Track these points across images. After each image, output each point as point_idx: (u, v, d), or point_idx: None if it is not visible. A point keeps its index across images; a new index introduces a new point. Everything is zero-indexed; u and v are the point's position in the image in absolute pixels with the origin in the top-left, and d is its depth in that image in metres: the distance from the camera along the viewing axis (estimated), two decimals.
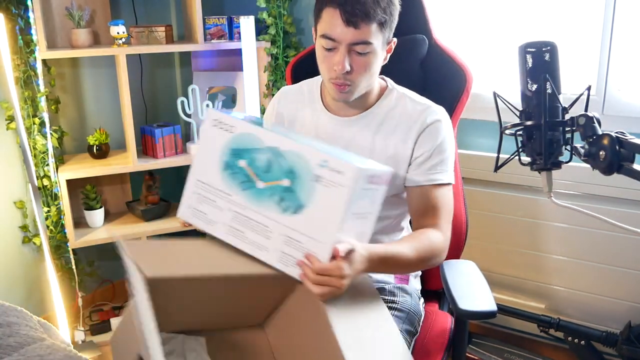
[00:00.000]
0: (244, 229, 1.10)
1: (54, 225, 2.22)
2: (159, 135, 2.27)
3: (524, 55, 1.22)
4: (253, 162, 1.09)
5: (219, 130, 1.13)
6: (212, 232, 1.14)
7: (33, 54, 2.06)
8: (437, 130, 1.27)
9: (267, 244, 1.07)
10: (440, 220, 1.26)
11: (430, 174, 1.27)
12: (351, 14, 1.13)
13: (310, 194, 1.03)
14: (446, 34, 2.07)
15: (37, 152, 2.14)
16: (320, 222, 1.03)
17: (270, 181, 1.08)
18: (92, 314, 2.43)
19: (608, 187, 1.79)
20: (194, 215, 1.17)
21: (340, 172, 1.01)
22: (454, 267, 1.35)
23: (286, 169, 1.06)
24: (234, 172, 1.11)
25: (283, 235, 1.06)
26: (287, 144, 1.06)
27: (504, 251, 2.06)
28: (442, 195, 1.27)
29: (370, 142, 1.30)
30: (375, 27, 1.16)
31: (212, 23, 2.29)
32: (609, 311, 1.90)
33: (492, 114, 1.37)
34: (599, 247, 1.87)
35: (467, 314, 1.18)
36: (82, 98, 2.39)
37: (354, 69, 1.19)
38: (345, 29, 1.15)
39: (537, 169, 1.25)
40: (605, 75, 1.83)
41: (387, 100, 1.32)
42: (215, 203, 1.13)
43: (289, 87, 1.46)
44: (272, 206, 1.07)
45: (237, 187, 1.11)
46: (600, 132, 1.13)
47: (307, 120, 1.37)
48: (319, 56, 1.23)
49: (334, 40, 1.17)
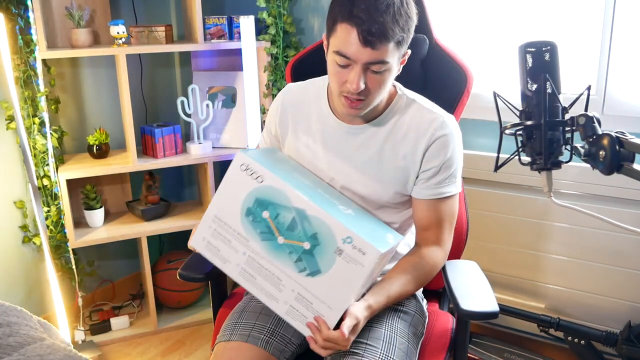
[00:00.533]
0: (256, 274, 1.13)
1: (54, 225, 2.22)
2: (159, 135, 2.27)
3: (524, 55, 1.22)
4: (277, 217, 1.10)
5: (246, 176, 1.13)
6: (223, 269, 1.17)
7: (33, 53, 2.06)
8: (446, 143, 1.23)
9: (277, 295, 1.12)
10: (444, 233, 1.27)
11: (438, 187, 1.24)
12: (368, 33, 1.07)
13: (329, 264, 1.07)
14: (447, 34, 2.08)
15: (37, 152, 2.14)
16: (335, 290, 1.08)
17: (292, 240, 1.10)
18: (92, 314, 2.43)
19: (608, 187, 1.79)
20: (207, 248, 1.19)
21: (362, 253, 1.04)
22: (456, 267, 1.35)
23: (310, 233, 1.08)
24: (255, 220, 1.12)
25: (295, 292, 1.10)
26: (314, 210, 1.07)
27: (504, 251, 2.06)
28: (448, 207, 1.26)
29: (379, 150, 1.26)
30: (392, 45, 1.10)
31: (212, 23, 2.28)
32: (609, 311, 1.90)
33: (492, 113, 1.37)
34: (599, 247, 1.87)
35: (469, 315, 1.18)
36: (82, 98, 2.39)
37: (368, 87, 1.14)
38: (362, 49, 1.09)
39: (537, 168, 1.25)
40: (605, 75, 1.83)
41: (397, 108, 1.27)
42: (231, 243, 1.15)
43: (294, 85, 1.41)
44: (288, 263, 1.10)
45: (256, 236, 1.12)
46: (600, 131, 1.13)
47: (313, 122, 1.33)
48: (331, 70, 1.17)
49: (348, 58, 1.11)
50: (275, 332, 1.24)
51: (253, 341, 1.21)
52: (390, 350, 1.16)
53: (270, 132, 1.42)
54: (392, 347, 1.18)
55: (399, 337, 1.21)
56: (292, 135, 1.36)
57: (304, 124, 1.34)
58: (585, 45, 1.87)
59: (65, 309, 2.17)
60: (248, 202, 1.12)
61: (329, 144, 1.30)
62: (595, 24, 1.82)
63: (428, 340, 1.34)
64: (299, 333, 1.25)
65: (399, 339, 1.21)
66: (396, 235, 1.22)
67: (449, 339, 1.35)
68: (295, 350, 1.26)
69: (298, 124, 1.35)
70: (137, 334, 2.35)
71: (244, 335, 1.23)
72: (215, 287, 1.47)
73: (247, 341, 1.21)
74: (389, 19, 1.08)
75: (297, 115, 1.36)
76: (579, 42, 1.88)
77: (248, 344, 1.21)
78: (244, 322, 1.26)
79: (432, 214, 1.26)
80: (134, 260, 2.68)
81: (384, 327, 1.21)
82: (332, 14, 1.14)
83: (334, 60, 1.15)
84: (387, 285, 1.19)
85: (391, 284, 1.20)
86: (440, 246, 1.27)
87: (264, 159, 1.17)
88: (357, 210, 1.20)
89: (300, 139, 1.34)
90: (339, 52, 1.12)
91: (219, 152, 2.37)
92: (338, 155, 1.29)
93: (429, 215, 1.26)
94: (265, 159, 1.17)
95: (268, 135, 1.43)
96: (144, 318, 2.44)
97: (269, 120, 1.43)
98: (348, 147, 1.28)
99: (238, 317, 1.28)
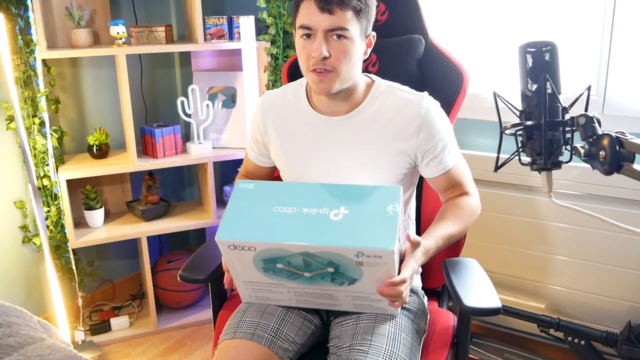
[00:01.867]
0: (309, 298, 1.22)
1: (54, 225, 2.22)
2: (159, 135, 2.27)
3: (524, 55, 1.22)
4: (290, 263, 1.12)
5: (240, 251, 1.13)
6: (282, 304, 1.28)
7: (33, 54, 2.06)
8: (433, 119, 1.29)
9: (337, 303, 1.22)
10: (466, 187, 1.36)
11: (442, 163, 1.32)
12: (325, 2, 1.16)
13: (359, 272, 1.11)
14: (446, 34, 2.08)
15: (37, 152, 2.14)
16: (378, 283, 1.12)
17: (316, 271, 1.13)
18: (92, 314, 2.43)
19: (608, 187, 1.79)
20: (258, 299, 1.28)
21: (379, 257, 1.07)
22: (457, 264, 1.35)
23: (325, 262, 1.10)
24: (275, 272, 1.16)
25: (349, 296, 1.18)
26: (315, 247, 1.08)
27: (504, 251, 2.06)
28: (459, 171, 1.35)
29: (367, 137, 1.30)
30: (350, 14, 1.18)
31: (212, 23, 2.29)
32: (608, 311, 1.90)
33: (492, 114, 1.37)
34: (599, 247, 1.87)
35: (472, 311, 1.18)
36: (82, 98, 2.39)
37: (332, 55, 1.20)
38: (321, 16, 1.17)
39: (537, 169, 1.25)
40: (605, 75, 1.83)
41: (376, 95, 1.32)
42: (272, 290, 1.22)
43: (272, 92, 1.45)
44: (327, 284, 1.15)
45: (286, 279, 1.17)
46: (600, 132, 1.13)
47: (295, 122, 1.37)
48: (298, 49, 1.25)
49: (310, 28, 1.19)
50: (279, 331, 1.24)
51: (257, 339, 1.21)
52: (395, 347, 1.17)
53: (257, 140, 1.47)
54: (396, 343, 1.18)
55: (402, 334, 1.22)
56: (277, 140, 1.40)
57: (286, 127, 1.38)
58: (585, 45, 1.87)
59: (65, 309, 2.17)
60: (258, 265, 1.15)
61: (315, 140, 1.34)
62: (595, 23, 1.82)
63: (430, 338, 1.35)
64: (302, 333, 1.27)
65: (403, 335, 1.21)
66: (392, 193, 1.17)
67: (451, 336, 1.35)
68: (298, 350, 1.26)
69: (281, 128, 1.39)
70: (137, 334, 2.35)
71: (249, 333, 1.23)
72: (215, 289, 1.47)
73: (252, 339, 1.21)
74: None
75: (277, 120, 1.40)
76: (579, 42, 1.88)
77: (252, 342, 1.21)
78: (247, 320, 1.26)
79: (448, 181, 1.34)
80: (134, 261, 2.68)
81: (388, 324, 1.22)
82: (295, 0, 1.22)
83: (299, 36, 1.22)
84: (432, 229, 1.26)
85: (436, 227, 1.27)
86: (468, 195, 1.35)
87: (244, 222, 1.14)
88: (348, 201, 1.17)
89: (286, 143, 1.38)
90: (302, 25, 1.20)
91: (219, 152, 2.37)
92: (325, 148, 1.33)
93: (446, 184, 1.35)
94: (244, 221, 1.14)
95: (255, 144, 1.49)
96: (144, 318, 2.44)
97: (253, 130, 1.47)
98: (333, 139, 1.32)
99: (242, 316, 1.28)
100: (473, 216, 1.34)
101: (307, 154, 1.36)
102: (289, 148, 1.38)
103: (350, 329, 1.22)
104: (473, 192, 1.37)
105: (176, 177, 2.75)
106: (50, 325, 0.96)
